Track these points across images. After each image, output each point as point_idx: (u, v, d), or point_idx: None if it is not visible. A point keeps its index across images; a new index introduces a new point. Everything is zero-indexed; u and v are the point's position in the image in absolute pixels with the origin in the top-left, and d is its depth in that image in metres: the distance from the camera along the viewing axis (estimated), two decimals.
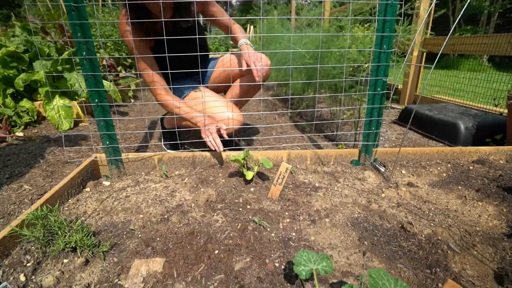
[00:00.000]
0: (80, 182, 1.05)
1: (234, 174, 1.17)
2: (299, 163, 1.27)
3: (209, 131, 1.19)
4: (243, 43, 1.31)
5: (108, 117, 1.09)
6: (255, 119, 2.35)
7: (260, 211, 0.92)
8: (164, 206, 0.94)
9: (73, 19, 0.95)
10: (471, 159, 1.35)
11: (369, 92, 1.16)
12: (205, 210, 0.92)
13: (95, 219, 0.90)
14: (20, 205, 1.10)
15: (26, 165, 1.44)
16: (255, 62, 1.23)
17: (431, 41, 2.66)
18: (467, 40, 2.34)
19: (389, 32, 1.08)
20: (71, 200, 0.98)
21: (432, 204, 0.98)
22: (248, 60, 1.23)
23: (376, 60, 1.13)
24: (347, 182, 1.12)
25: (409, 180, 1.15)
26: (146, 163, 1.20)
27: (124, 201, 0.98)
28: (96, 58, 1.02)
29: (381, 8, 1.07)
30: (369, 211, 0.93)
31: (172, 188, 1.06)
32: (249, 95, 1.51)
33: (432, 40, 2.66)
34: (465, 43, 2.36)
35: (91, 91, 1.04)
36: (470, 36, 2.32)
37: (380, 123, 1.21)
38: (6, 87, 2.01)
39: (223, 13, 1.40)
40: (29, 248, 0.74)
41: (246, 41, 1.31)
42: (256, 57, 1.25)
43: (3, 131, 1.83)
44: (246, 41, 1.31)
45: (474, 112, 2.05)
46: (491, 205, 0.97)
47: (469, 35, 2.32)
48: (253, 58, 1.23)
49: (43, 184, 1.26)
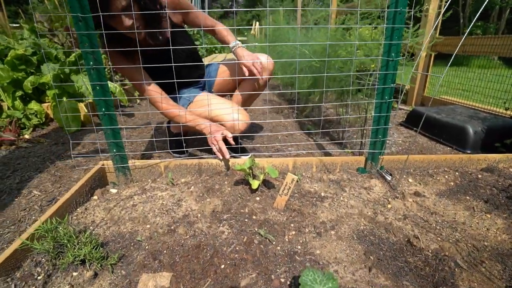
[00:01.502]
0: (88, 190, 1.07)
1: (239, 182, 1.17)
2: (305, 170, 1.26)
3: (215, 138, 1.19)
4: (235, 47, 1.29)
5: (115, 125, 1.10)
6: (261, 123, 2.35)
7: (266, 222, 0.92)
8: (170, 216, 0.95)
9: (81, 30, 0.96)
10: (480, 166, 1.33)
11: (376, 101, 1.15)
12: (211, 220, 0.93)
13: (103, 228, 0.91)
14: (30, 211, 1.12)
15: (35, 169, 1.47)
16: (254, 64, 1.23)
17: (440, 41, 2.61)
18: (477, 41, 2.29)
19: (398, 40, 1.06)
20: (79, 209, 0.99)
21: (439, 216, 0.97)
22: (247, 64, 1.22)
23: (384, 68, 1.11)
24: (353, 191, 1.12)
25: (416, 189, 1.14)
26: (152, 170, 1.21)
27: (131, 210, 0.99)
28: (103, 68, 1.02)
29: (389, 15, 1.05)
30: (375, 223, 0.93)
31: (178, 197, 1.06)
32: (255, 96, 1.51)
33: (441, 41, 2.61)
34: (475, 44, 2.31)
35: (98, 100, 1.05)
36: (480, 37, 2.26)
37: (387, 131, 1.19)
38: (15, 90, 2.04)
39: (205, 17, 1.37)
40: (39, 260, 0.76)
41: (237, 43, 1.29)
42: (253, 58, 1.24)
43: (12, 133, 1.85)
44: (237, 43, 1.29)
45: (483, 115, 2.02)
46: (500, 217, 0.96)
47: (479, 36, 2.26)
48: (250, 59, 1.23)
49: (52, 189, 1.28)
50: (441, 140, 1.95)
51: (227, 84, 1.47)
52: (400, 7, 1.02)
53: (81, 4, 0.93)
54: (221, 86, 1.49)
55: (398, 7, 1.03)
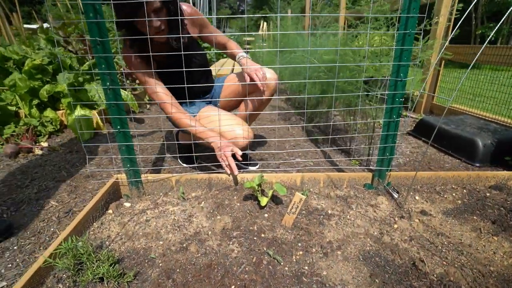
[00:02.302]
0: (103, 204, 1.12)
1: (248, 197, 1.20)
2: (312, 186, 1.29)
3: (225, 154, 1.22)
4: (241, 57, 1.32)
5: (129, 142, 1.14)
6: (268, 130, 2.37)
7: (274, 241, 0.95)
8: (182, 233, 0.99)
9: (98, 52, 1.00)
10: (488, 184, 1.33)
11: (384, 120, 1.16)
12: (221, 238, 0.96)
13: (118, 244, 0.95)
14: (49, 222, 1.18)
15: (52, 178, 1.53)
16: (256, 73, 1.25)
17: (451, 50, 2.59)
18: (489, 51, 2.26)
19: (407, 61, 1.08)
20: (95, 224, 1.04)
21: (446, 238, 0.98)
22: (250, 72, 1.25)
23: (392, 88, 1.12)
24: (360, 209, 1.14)
25: (422, 208, 1.15)
26: (164, 184, 1.25)
27: (144, 225, 1.03)
28: (119, 88, 1.07)
29: (398, 37, 1.07)
30: (381, 244, 0.95)
31: (190, 213, 1.10)
32: (260, 109, 1.53)
33: (452, 48, 2.59)
34: (487, 54, 2.28)
35: (114, 118, 1.09)
36: (493, 47, 2.24)
37: (394, 149, 1.21)
38: (32, 98, 2.11)
39: (217, 32, 1.44)
40: (61, 276, 0.81)
41: (243, 54, 1.33)
42: (256, 68, 1.26)
43: (30, 141, 1.93)
44: (243, 55, 1.33)
45: (493, 126, 2.00)
46: (507, 240, 0.97)
47: (492, 46, 2.23)
48: (253, 70, 1.25)
49: (68, 200, 1.33)
50: (450, 151, 1.94)
51: (232, 97, 1.49)
52: (409, 29, 1.04)
53: (100, 28, 0.97)
54: (226, 100, 1.52)
55: (408, 29, 1.04)
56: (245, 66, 1.29)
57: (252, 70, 1.25)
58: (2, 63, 2.12)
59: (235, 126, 1.29)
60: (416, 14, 1.02)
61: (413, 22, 1.03)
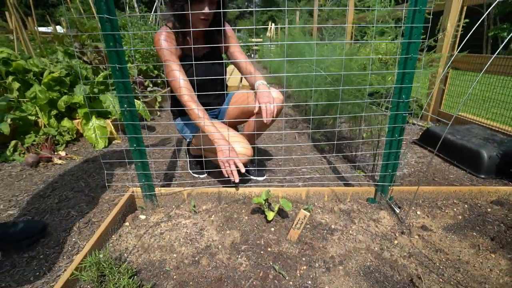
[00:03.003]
0: (121, 217, 1.20)
1: (256, 210, 1.27)
2: (317, 200, 1.34)
3: (228, 162, 1.25)
4: (260, 84, 1.37)
5: (145, 159, 1.22)
6: (276, 140, 2.43)
7: (280, 255, 1.02)
8: (194, 247, 1.06)
9: (117, 78, 1.08)
10: (490, 199, 1.36)
11: (387, 138, 1.21)
12: (230, 252, 1.03)
13: (135, 256, 1.03)
14: (70, 232, 1.27)
15: (70, 189, 1.63)
16: (266, 104, 1.28)
17: (458, 59, 2.59)
18: (497, 61, 2.26)
19: (409, 83, 1.12)
20: (114, 236, 1.12)
21: (444, 254, 1.03)
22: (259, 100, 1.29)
23: (394, 108, 1.17)
24: (362, 224, 1.19)
25: (423, 223, 1.20)
26: (176, 197, 1.33)
27: (159, 238, 1.11)
28: (135, 110, 1.14)
29: (400, 60, 1.11)
30: (381, 260, 1.00)
31: (201, 226, 1.17)
32: (264, 129, 1.58)
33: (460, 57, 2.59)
34: (495, 64, 2.28)
35: (130, 137, 1.17)
36: (502, 57, 2.22)
37: (397, 166, 1.25)
38: (51, 109, 2.23)
39: (242, 53, 1.50)
40: (86, 287, 0.89)
41: (263, 82, 1.38)
42: (269, 99, 1.29)
43: (49, 150, 2.04)
44: (263, 82, 1.38)
45: (500, 137, 2.00)
46: (504, 258, 1.00)
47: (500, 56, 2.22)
48: (266, 100, 1.28)
49: (87, 210, 1.43)
50: (455, 162, 1.96)
51: (237, 116, 1.55)
52: (411, 53, 1.08)
53: (118, 56, 1.05)
54: (232, 116, 1.58)
55: (409, 53, 1.08)
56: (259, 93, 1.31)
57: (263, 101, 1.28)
58: (23, 75, 2.24)
59: (235, 143, 1.33)
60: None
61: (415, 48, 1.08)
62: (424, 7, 1.03)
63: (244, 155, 1.32)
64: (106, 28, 1.01)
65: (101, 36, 1.06)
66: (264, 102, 1.25)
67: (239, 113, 1.50)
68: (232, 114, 1.55)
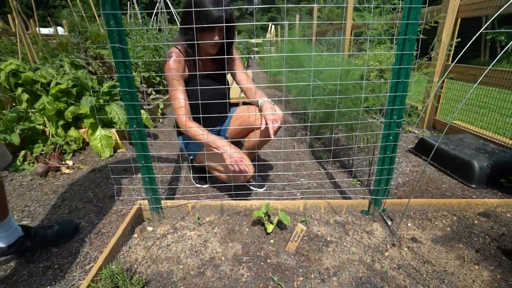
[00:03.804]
0: (130, 229, 1.28)
1: (256, 222, 1.35)
2: (314, 212, 1.42)
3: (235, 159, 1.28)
4: (265, 101, 1.45)
5: (152, 174, 1.30)
6: (275, 148, 2.51)
7: (278, 267, 1.09)
8: (199, 259, 1.14)
9: (127, 101, 1.16)
10: (478, 211, 1.44)
11: (380, 156, 1.29)
12: (233, 263, 1.11)
13: (144, 267, 1.11)
14: (82, 243, 1.35)
15: (79, 199, 1.71)
16: (273, 120, 1.35)
17: (453, 69, 2.66)
18: (490, 73, 2.32)
19: (400, 105, 1.20)
20: (124, 248, 1.20)
21: (431, 265, 1.11)
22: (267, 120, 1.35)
23: (386, 128, 1.25)
24: (356, 236, 1.27)
25: (413, 234, 1.28)
26: (181, 209, 1.41)
27: (166, 249, 1.19)
28: (143, 130, 1.22)
29: (391, 85, 1.19)
30: (372, 271, 1.08)
31: (205, 238, 1.25)
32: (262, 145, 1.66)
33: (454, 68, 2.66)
34: (488, 76, 2.34)
35: (139, 155, 1.25)
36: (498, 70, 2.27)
37: (390, 180, 1.33)
38: (58, 119, 2.31)
39: (246, 73, 1.59)
40: None
41: (266, 99, 1.45)
42: (275, 116, 1.36)
43: (57, 160, 2.12)
44: (266, 99, 1.46)
45: (491, 147, 2.08)
46: (486, 269, 1.08)
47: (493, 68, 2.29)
48: (272, 117, 1.35)
49: (96, 221, 1.51)
50: (448, 171, 2.04)
51: (239, 132, 1.63)
52: (401, 78, 1.16)
53: (128, 81, 1.13)
54: (234, 133, 1.66)
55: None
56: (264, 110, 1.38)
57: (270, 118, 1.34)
58: (31, 86, 2.32)
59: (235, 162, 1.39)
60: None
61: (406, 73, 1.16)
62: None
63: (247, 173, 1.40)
64: (118, 56, 1.09)
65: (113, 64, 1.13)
66: (271, 119, 1.32)
67: (241, 128, 1.58)
68: (234, 129, 1.63)
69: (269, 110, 1.37)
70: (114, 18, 1.04)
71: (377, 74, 1.84)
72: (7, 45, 5.47)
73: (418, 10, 1.07)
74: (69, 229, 1.36)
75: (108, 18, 1.03)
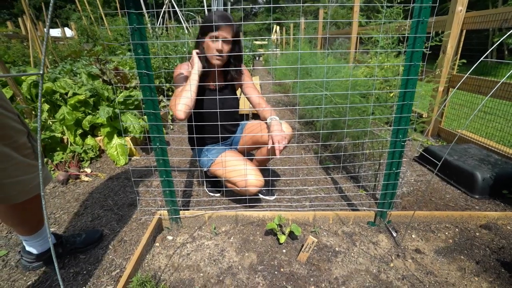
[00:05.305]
0: (152, 239, 1.38)
1: (269, 233, 1.44)
2: (323, 223, 1.51)
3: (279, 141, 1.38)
4: (272, 119, 1.53)
5: (172, 187, 1.39)
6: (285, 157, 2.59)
7: (291, 276, 1.18)
8: (218, 267, 1.23)
9: (151, 120, 1.25)
10: (480, 223, 1.51)
11: (385, 172, 1.37)
12: (249, 272, 1.21)
13: (167, 274, 1.21)
14: (106, 250, 1.45)
15: (100, 207, 1.81)
16: (279, 141, 1.39)
17: (456, 78, 2.72)
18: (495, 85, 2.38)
19: (405, 125, 1.28)
20: (148, 256, 1.30)
21: (433, 276, 1.18)
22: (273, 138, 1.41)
23: (392, 145, 1.33)
24: (363, 246, 1.35)
25: (417, 246, 1.35)
26: (198, 219, 1.51)
27: (186, 258, 1.29)
28: (165, 147, 1.32)
29: (399, 102, 1.27)
30: (378, 281, 1.16)
31: (221, 247, 1.35)
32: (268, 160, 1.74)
33: (457, 77, 2.72)
34: (491, 87, 2.40)
35: (160, 170, 1.35)
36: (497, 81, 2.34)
37: (395, 195, 1.41)
38: (77, 128, 2.42)
39: (255, 89, 1.67)
40: None
41: (275, 117, 1.53)
42: (281, 137, 1.40)
43: (76, 168, 2.23)
44: (275, 117, 1.53)
45: (495, 158, 2.14)
46: (486, 281, 1.16)
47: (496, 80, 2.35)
48: (278, 137, 1.39)
49: (118, 229, 1.61)
50: (452, 182, 2.11)
51: (250, 144, 1.72)
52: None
53: (153, 104, 1.23)
54: (245, 145, 1.75)
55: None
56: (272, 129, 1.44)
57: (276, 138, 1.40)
58: (51, 96, 2.44)
59: (249, 175, 1.49)
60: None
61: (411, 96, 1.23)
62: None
63: (256, 187, 1.49)
64: (144, 81, 1.18)
65: (139, 88, 1.23)
66: (277, 140, 1.40)
67: (252, 143, 1.68)
68: (245, 143, 1.72)
69: (276, 129, 1.43)
70: (142, 47, 1.14)
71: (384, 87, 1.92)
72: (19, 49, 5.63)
73: (425, 25, 1.14)
74: (95, 237, 1.46)
75: (136, 47, 1.13)
